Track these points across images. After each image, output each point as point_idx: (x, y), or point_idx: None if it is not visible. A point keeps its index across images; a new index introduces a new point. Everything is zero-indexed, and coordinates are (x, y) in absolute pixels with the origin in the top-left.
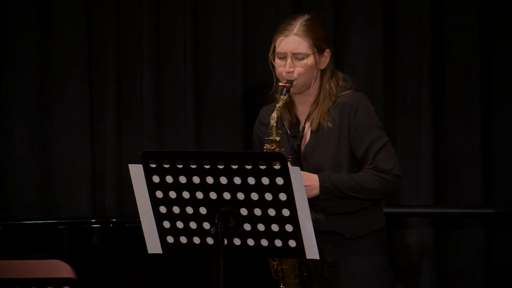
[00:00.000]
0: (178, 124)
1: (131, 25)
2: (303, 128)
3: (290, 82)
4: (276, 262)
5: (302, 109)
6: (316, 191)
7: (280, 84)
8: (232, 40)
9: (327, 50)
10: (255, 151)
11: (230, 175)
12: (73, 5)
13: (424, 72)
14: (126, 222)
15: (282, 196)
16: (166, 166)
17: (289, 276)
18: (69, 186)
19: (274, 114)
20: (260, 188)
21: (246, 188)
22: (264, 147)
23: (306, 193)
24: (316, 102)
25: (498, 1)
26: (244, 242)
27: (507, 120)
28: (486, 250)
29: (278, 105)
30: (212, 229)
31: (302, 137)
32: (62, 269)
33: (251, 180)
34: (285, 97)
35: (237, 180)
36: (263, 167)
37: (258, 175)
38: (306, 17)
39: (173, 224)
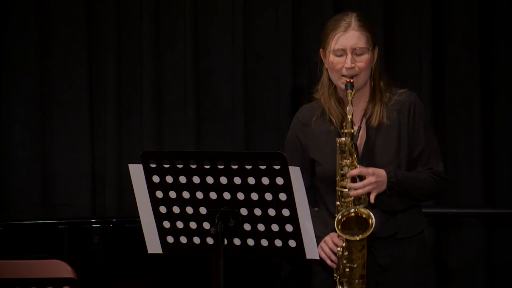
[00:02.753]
0: (178, 124)
1: (131, 24)
2: (359, 127)
3: (352, 77)
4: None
5: (355, 108)
6: (385, 186)
7: (343, 80)
8: (232, 40)
9: (376, 46)
10: (288, 153)
11: (230, 175)
12: (73, 5)
13: (424, 72)
14: (126, 222)
15: (282, 196)
16: (166, 166)
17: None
18: (69, 186)
19: (351, 106)
20: (260, 188)
21: (246, 188)
22: (337, 140)
23: (376, 189)
24: (373, 101)
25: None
26: (244, 242)
27: (507, 120)
28: (486, 250)
29: (349, 98)
30: (212, 229)
31: (357, 137)
32: (62, 269)
33: (251, 180)
34: (353, 92)
35: (237, 180)
36: (263, 167)
37: (258, 175)
38: (355, 13)
39: (173, 224)
